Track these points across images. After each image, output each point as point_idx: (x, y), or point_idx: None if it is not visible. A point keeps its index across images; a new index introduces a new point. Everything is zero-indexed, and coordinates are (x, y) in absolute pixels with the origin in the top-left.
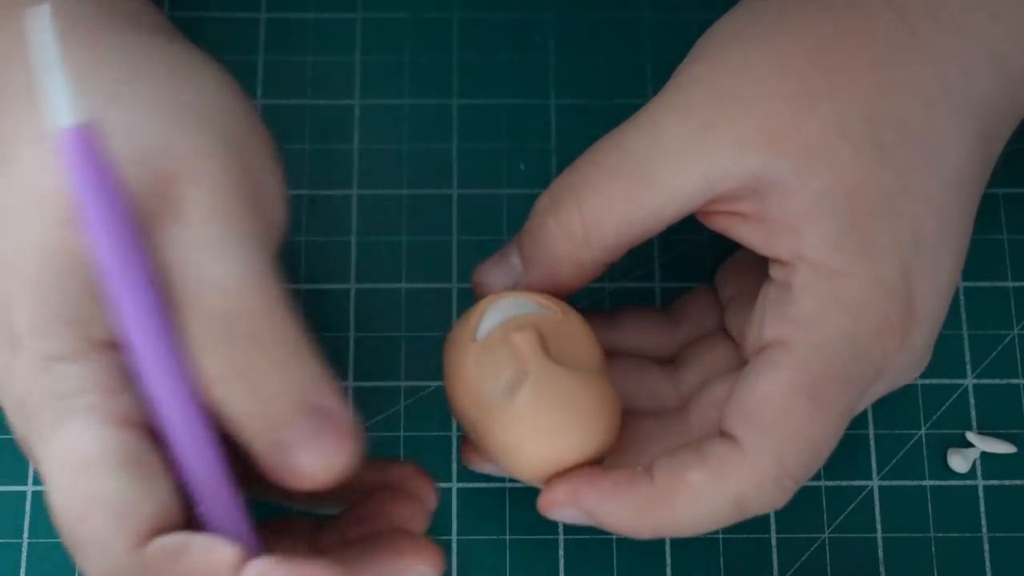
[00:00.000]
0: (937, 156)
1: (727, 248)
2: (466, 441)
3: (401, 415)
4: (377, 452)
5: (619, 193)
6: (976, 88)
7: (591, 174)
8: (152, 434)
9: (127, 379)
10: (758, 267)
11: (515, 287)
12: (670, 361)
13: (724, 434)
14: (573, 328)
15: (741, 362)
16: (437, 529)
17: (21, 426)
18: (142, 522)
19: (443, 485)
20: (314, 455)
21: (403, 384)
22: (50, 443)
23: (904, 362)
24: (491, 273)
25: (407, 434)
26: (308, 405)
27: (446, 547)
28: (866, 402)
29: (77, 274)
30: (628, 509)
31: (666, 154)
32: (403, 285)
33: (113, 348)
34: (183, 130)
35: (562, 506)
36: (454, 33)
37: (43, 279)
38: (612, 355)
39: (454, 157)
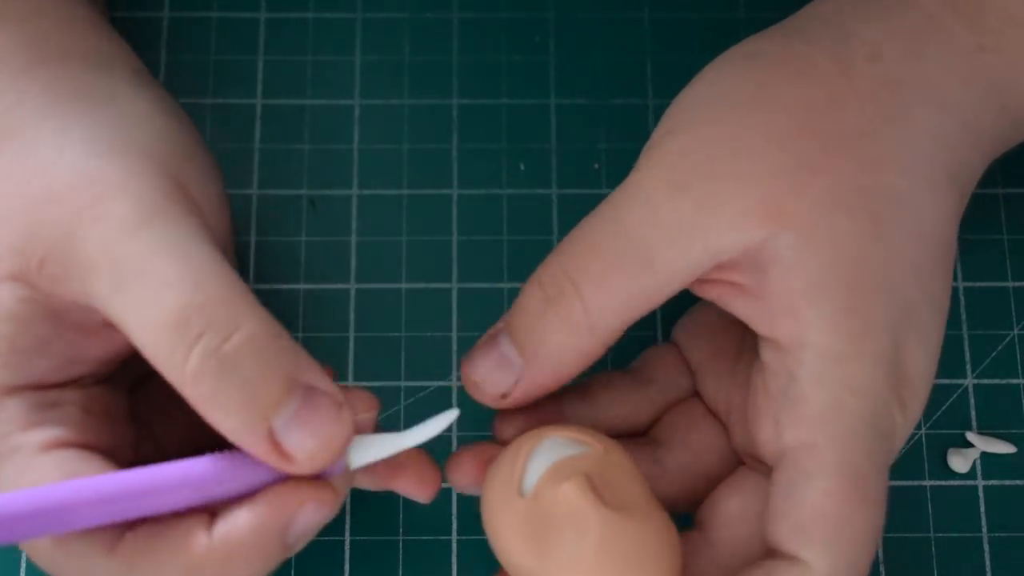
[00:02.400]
0: (923, 227)
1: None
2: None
3: (401, 415)
4: None
5: (620, 278)
6: (953, 155)
7: (587, 260)
8: (86, 446)
9: (45, 409)
10: (720, 326)
11: (516, 385)
12: (643, 433)
13: (780, 553)
14: (617, 463)
15: (729, 445)
16: (437, 529)
17: None
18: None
19: (443, 485)
20: (306, 434)
21: (403, 384)
22: None
23: (907, 430)
24: (488, 370)
25: None
26: (292, 383)
27: (446, 547)
28: None
29: None
30: None
31: (665, 234)
32: (403, 285)
33: (27, 388)
34: (100, 155)
35: None
36: (454, 33)
37: None
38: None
39: (454, 157)
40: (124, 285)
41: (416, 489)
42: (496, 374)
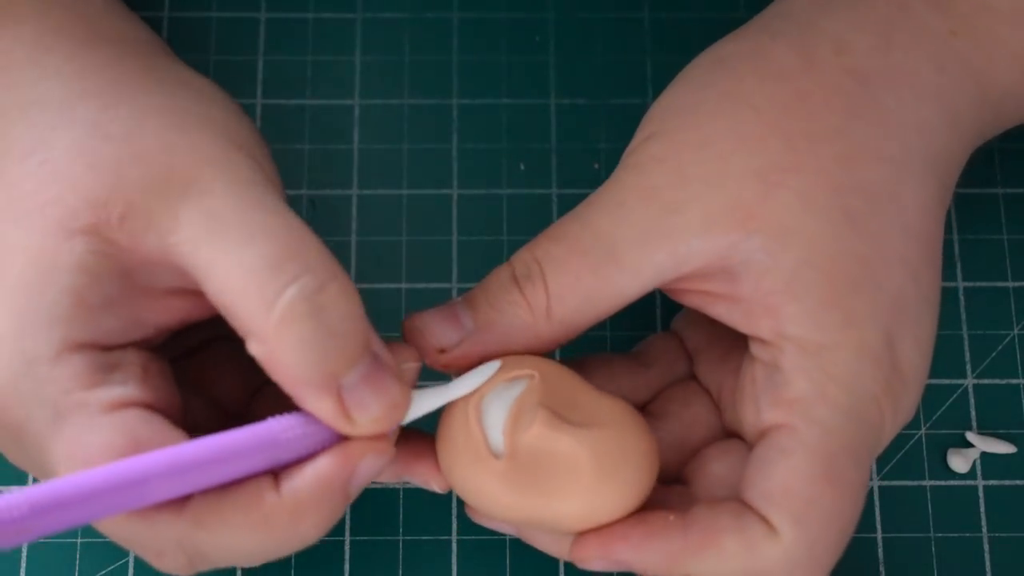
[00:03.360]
0: (905, 218)
1: None
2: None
3: None
4: None
5: (585, 269)
6: (932, 142)
7: (557, 250)
8: (148, 406)
9: (108, 369)
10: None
11: (458, 344)
12: (642, 408)
13: (755, 510)
14: (555, 376)
15: (721, 422)
16: (437, 529)
17: (6, 446)
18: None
19: None
20: (372, 398)
21: None
22: (52, 452)
23: (898, 423)
24: (435, 322)
25: None
26: (367, 345)
27: (446, 547)
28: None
29: (59, 277)
30: (658, 559)
31: (633, 233)
32: (403, 285)
33: (91, 347)
34: (184, 128)
35: (593, 559)
36: (454, 33)
37: (25, 281)
38: None
39: (454, 157)
40: (217, 232)
41: (434, 477)
42: (442, 327)
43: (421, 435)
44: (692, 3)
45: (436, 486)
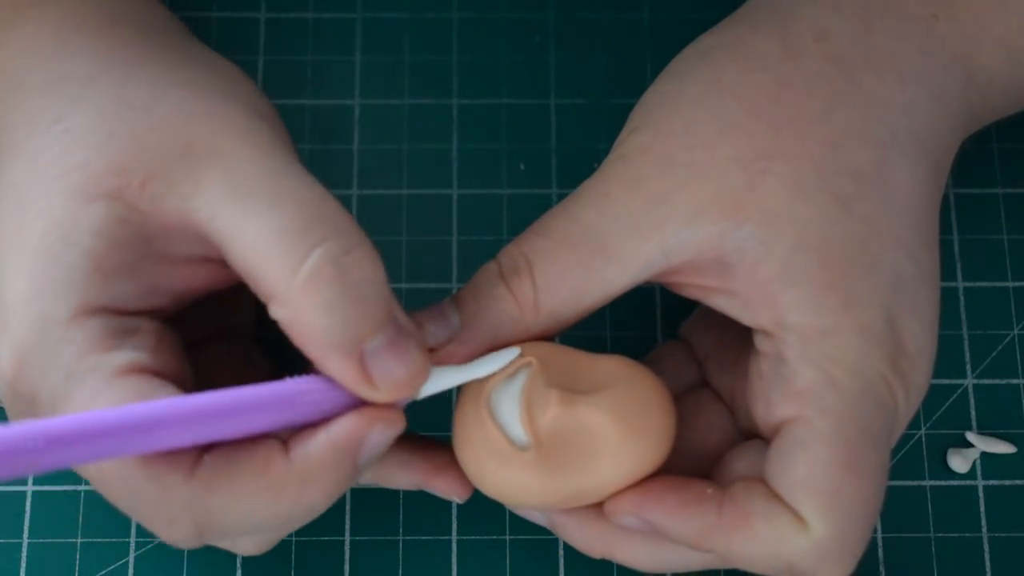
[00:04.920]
0: (896, 197)
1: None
2: None
3: None
4: None
5: (573, 261)
6: (919, 123)
7: (544, 243)
8: (160, 375)
9: (123, 335)
10: (725, 320)
11: (446, 342)
12: None
13: (785, 503)
14: (552, 355)
15: (735, 426)
16: (437, 529)
17: (19, 412)
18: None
19: None
20: (395, 364)
21: None
22: (64, 415)
23: (912, 403)
24: (426, 325)
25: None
26: (390, 313)
27: (446, 547)
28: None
29: (78, 241)
30: (688, 530)
31: (620, 225)
32: (403, 285)
33: (108, 311)
34: (206, 99)
35: (625, 514)
36: (454, 33)
37: (44, 245)
38: None
39: (454, 157)
40: (241, 196)
41: (456, 489)
42: (429, 325)
43: (438, 445)
44: (692, 3)
45: (457, 497)
